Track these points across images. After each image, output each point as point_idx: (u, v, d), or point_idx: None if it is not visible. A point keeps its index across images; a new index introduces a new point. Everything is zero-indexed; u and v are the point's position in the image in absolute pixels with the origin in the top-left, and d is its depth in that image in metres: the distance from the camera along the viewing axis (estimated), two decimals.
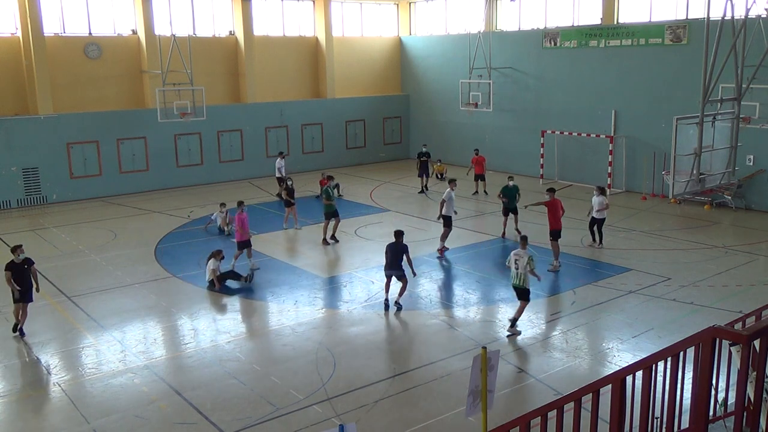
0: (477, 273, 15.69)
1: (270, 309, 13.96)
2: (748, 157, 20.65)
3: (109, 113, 25.26)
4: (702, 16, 20.65)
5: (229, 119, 27.90)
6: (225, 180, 27.69)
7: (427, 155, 25.30)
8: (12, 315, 12.46)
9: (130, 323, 13.04)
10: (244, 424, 9.20)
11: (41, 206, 23.73)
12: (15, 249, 12.35)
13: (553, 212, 15.90)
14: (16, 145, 23.31)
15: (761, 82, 15.61)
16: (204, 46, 27.19)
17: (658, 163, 23.03)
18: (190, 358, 11.42)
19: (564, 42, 26.10)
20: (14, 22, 23.64)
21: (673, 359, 5.18)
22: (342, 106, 31.17)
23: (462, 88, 28.81)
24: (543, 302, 13.75)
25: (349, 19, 32.04)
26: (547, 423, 5.89)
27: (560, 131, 26.20)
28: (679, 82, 22.45)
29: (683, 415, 5.89)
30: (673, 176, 12.67)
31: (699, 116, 11.91)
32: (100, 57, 25.31)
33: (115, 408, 9.74)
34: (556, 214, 15.90)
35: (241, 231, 15.90)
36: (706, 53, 11.71)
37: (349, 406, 9.63)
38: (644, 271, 15.39)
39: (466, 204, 22.76)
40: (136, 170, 25.85)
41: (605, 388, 5.49)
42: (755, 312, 7.54)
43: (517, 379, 10.44)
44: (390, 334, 12.60)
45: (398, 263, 13.29)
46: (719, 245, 17.37)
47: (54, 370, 11.05)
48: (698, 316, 12.58)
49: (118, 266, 16.52)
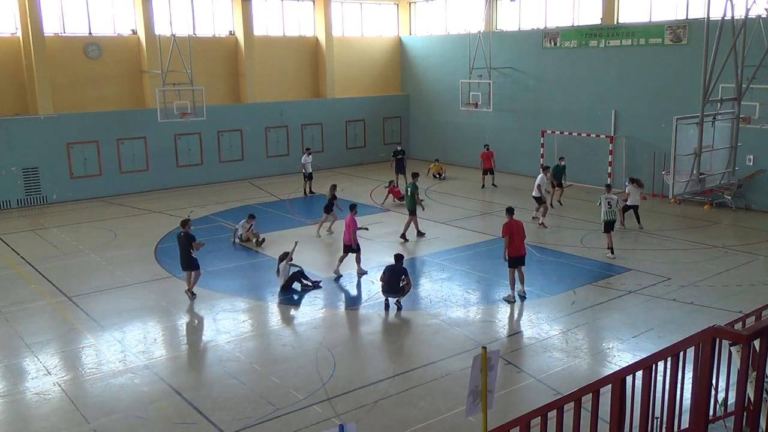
0: (477, 273, 15.69)
1: (270, 309, 13.96)
2: (748, 157, 20.64)
3: (109, 113, 25.26)
4: (702, 16, 20.64)
5: (229, 119, 27.91)
6: (225, 180, 27.70)
7: (402, 153, 25.75)
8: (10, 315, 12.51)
9: (130, 323, 13.05)
10: (244, 424, 9.20)
11: (41, 206, 23.73)
12: (184, 223, 14.24)
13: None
14: (16, 145, 23.31)
15: (761, 82, 15.61)
16: (204, 46, 27.19)
17: (658, 163, 23.03)
18: (190, 358, 11.42)
19: (564, 42, 26.10)
20: (14, 22, 23.64)
21: (673, 359, 5.18)
22: (342, 106, 31.18)
23: (462, 88, 28.81)
24: (543, 302, 13.75)
25: (349, 19, 32.05)
26: (547, 423, 5.89)
27: (560, 131, 26.21)
28: (679, 82, 22.45)
29: (683, 415, 5.89)
30: (673, 176, 12.69)
31: (699, 116, 11.92)
32: (100, 57, 25.31)
33: (115, 408, 9.74)
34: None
35: (350, 234, 15.42)
36: (706, 53, 11.72)
37: (349, 406, 9.63)
38: (644, 271, 15.39)
39: (468, 204, 22.78)
40: (136, 170, 25.85)
41: (605, 388, 5.49)
42: (755, 312, 7.53)
43: (517, 379, 10.44)
44: (390, 334, 12.60)
45: (396, 286, 13.28)
46: (719, 245, 17.37)
47: (54, 370, 11.05)
48: (698, 316, 12.58)
49: (118, 266, 16.52)
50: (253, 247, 17.97)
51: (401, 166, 25.41)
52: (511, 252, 13.52)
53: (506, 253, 13.58)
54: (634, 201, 18.94)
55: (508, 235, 13.47)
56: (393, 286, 13.27)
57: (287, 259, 14.81)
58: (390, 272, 13.32)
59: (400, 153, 25.72)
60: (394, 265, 13.48)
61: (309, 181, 24.73)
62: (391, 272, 13.32)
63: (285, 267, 14.69)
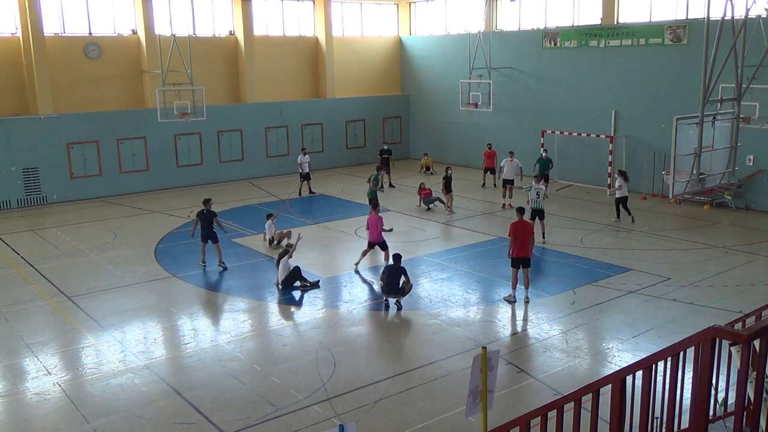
0: (477, 273, 15.69)
1: (270, 309, 13.96)
2: (748, 157, 20.64)
3: (109, 113, 25.27)
4: (702, 16, 20.65)
5: (229, 119, 27.91)
6: (225, 180, 27.70)
7: (388, 153, 25.86)
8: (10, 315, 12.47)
9: (130, 323, 13.05)
10: (244, 424, 9.20)
11: (41, 206, 23.73)
12: (206, 202, 16.49)
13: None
14: (16, 145, 23.32)
15: (761, 82, 15.60)
16: (204, 46, 27.19)
17: (658, 163, 23.03)
18: (190, 358, 11.42)
19: (564, 42, 26.10)
20: (14, 22, 23.64)
21: (673, 359, 5.18)
22: (342, 106, 31.17)
23: (462, 88, 28.82)
24: (543, 302, 13.74)
25: (349, 19, 32.04)
26: (547, 423, 5.89)
27: (560, 131, 26.21)
28: (679, 82, 22.45)
29: (683, 415, 5.89)
30: (673, 176, 12.66)
31: (699, 116, 11.91)
32: (100, 57, 25.31)
33: (115, 408, 9.74)
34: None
35: (374, 230, 15.95)
36: (706, 53, 11.72)
37: (349, 406, 9.63)
38: (644, 271, 15.39)
39: (469, 204, 22.77)
40: (136, 170, 25.85)
41: (605, 388, 5.49)
42: (755, 312, 7.54)
43: (517, 379, 10.44)
44: (390, 334, 12.60)
45: (395, 287, 13.28)
46: (719, 245, 17.37)
47: (54, 370, 11.05)
48: (698, 316, 12.58)
49: (118, 266, 16.52)
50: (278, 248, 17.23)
51: (387, 165, 25.46)
52: (516, 252, 13.48)
53: (509, 252, 13.57)
54: (623, 193, 19.61)
55: (513, 235, 13.45)
56: (393, 286, 13.27)
57: (288, 255, 14.82)
58: (389, 272, 13.32)
59: (387, 152, 25.83)
60: (393, 265, 13.48)
61: (306, 181, 24.73)
62: (390, 272, 13.32)
63: (285, 262, 14.69)
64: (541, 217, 17.85)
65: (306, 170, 24.54)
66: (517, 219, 13.71)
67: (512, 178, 22.04)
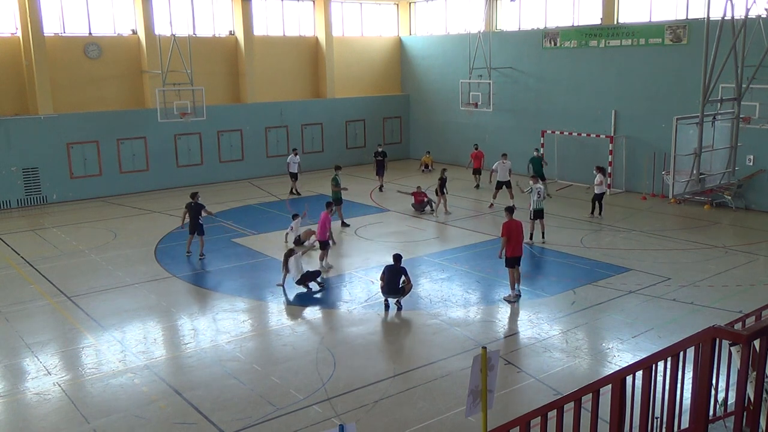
0: (477, 273, 15.69)
1: (270, 309, 13.96)
2: (748, 157, 20.64)
3: (109, 113, 25.26)
4: (702, 16, 20.65)
5: (229, 119, 27.91)
6: (225, 180, 27.70)
7: (383, 155, 25.78)
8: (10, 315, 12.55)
9: (130, 323, 13.04)
10: (244, 424, 9.20)
11: (41, 206, 23.73)
12: (193, 195, 17.39)
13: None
14: (16, 145, 23.32)
15: (761, 82, 15.60)
16: (204, 46, 27.19)
17: (658, 163, 23.03)
18: (190, 358, 11.42)
19: (564, 42, 26.10)
20: (14, 22, 23.64)
21: (673, 359, 5.18)
22: (342, 106, 31.17)
23: (462, 88, 28.82)
24: (543, 302, 13.74)
25: (349, 19, 32.04)
26: (547, 423, 5.89)
27: (560, 131, 26.21)
28: (679, 82, 22.45)
29: (683, 415, 5.89)
30: (673, 176, 12.66)
31: (699, 116, 11.90)
32: (100, 57, 25.31)
33: (115, 408, 9.74)
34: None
35: (322, 230, 15.94)
36: (706, 53, 11.71)
37: (349, 406, 9.63)
38: (644, 271, 15.39)
39: (467, 204, 22.77)
40: (136, 170, 25.85)
41: (605, 388, 5.49)
42: (755, 312, 7.54)
43: (517, 379, 10.44)
44: (390, 334, 12.60)
45: (396, 286, 13.27)
46: (719, 245, 17.37)
47: (54, 370, 11.05)
48: (698, 316, 12.58)
49: (118, 266, 16.52)
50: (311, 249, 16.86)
51: (381, 168, 25.44)
52: (509, 252, 13.53)
53: (502, 252, 13.59)
54: (602, 189, 20.15)
55: (507, 235, 13.48)
56: (393, 286, 13.26)
57: (298, 254, 14.74)
58: (389, 272, 13.31)
59: (381, 154, 25.72)
60: (393, 265, 13.47)
61: (293, 181, 24.75)
62: (390, 272, 13.31)
63: (297, 261, 14.59)
64: (541, 216, 17.91)
65: (294, 170, 24.53)
66: (507, 219, 13.74)
67: (507, 180, 22.09)
